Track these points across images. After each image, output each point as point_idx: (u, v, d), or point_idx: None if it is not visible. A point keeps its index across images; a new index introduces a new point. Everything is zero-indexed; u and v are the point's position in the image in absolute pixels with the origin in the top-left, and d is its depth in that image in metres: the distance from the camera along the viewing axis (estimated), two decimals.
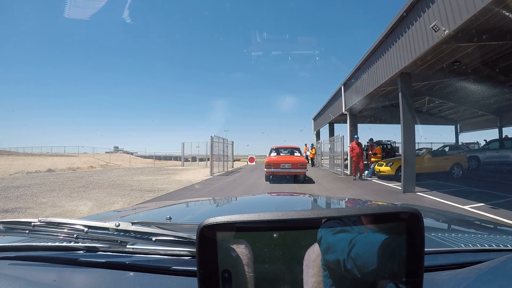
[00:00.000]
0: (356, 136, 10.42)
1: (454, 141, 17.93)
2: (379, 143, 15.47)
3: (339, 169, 12.69)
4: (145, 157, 32.26)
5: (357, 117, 13.07)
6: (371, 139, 11.71)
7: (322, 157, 18.74)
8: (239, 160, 30.25)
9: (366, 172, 10.98)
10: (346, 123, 17.03)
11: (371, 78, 8.85)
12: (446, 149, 12.93)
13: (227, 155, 16.64)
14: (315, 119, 22.52)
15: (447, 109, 15.42)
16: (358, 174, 10.13)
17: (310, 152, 19.97)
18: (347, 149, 11.90)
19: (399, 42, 6.60)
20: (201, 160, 23.71)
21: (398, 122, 15.99)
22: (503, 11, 4.37)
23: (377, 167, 10.14)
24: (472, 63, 7.62)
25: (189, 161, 24.80)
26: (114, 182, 9.46)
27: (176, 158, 24.26)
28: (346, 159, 12.50)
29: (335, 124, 17.34)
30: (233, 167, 18.84)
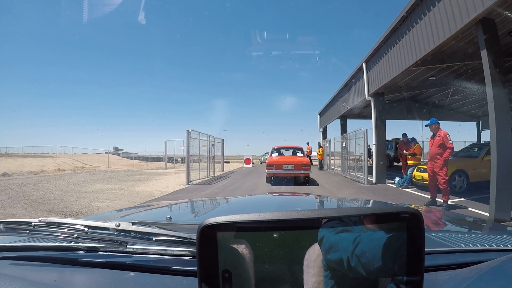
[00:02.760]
0: (434, 121, 5.19)
1: (476, 140, 15.83)
2: (397, 141, 12.53)
3: (360, 175, 9.58)
4: (132, 158, 29.46)
5: (384, 105, 9.80)
6: (404, 135, 8.53)
7: (332, 158, 15.93)
8: (233, 161, 28.23)
9: (397, 179, 8.36)
10: (360, 118, 14.81)
11: (419, 39, 5.87)
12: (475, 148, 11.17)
13: (214, 156, 13.55)
14: (321, 114, 19.43)
15: (471, 103, 13.17)
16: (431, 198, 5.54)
17: (317, 153, 16.59)
18: (373, 147, 9.27)
19: None
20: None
21: (416, 118, 14.55)
22: None
23: (417, 173, 7.38)
24: None
25: (178, 162, 22.03)
26: (45, 196, 7.29)
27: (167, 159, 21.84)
28: (370, 160, 9.72)
29: (345, 119, 14.94)
30: (223, 170, 16.00)
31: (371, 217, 0.39)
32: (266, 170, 8.87)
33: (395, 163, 14.66)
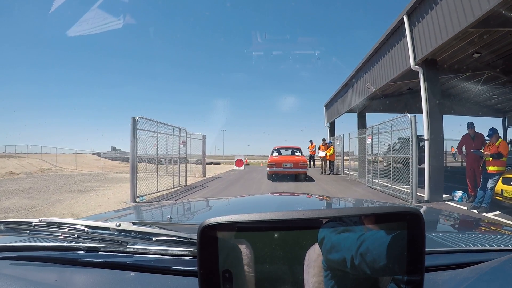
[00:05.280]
0: None
1: (502, 137, 14.31)
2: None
3: (402, 187, 6.35)
4: (115, 158, 26.35)
5: (438, 80, 6.02)
6: (470, 124, 5.68)
7: (346, 159, 12.61)
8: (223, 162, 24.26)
9: (459, 194, 5.77)
10: (376, 112, 12.05)
11: None
12: None
13: (185, 157, 9.47)
14: (328, 106, 15.54)
15: (500, 95, 10.68)
16: None
17: (326, 153, 12.41)
18: (425, 144, 5.78)
19: None
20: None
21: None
22: None
23: (505, 187, 4.60)
24: None
25: (162, 163, 19.57)
26: None
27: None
28: (384, 162, 7.19)
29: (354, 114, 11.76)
30: (204, 175, 11.92)
31: (371, 217, 0.39)
32: (268, 168, 9.91)
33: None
